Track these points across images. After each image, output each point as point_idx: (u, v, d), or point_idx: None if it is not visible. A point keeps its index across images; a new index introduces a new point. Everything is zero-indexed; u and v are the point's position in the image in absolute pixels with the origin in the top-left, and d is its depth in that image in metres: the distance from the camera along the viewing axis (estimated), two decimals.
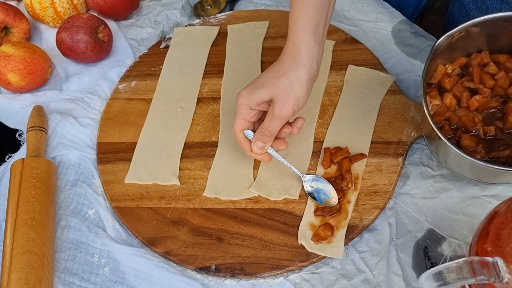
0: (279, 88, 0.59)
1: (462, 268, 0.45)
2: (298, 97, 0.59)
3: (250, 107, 0.62)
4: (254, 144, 0.63)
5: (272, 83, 0.60)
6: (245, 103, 0.62)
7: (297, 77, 0.59)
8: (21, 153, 0.76)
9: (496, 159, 0.61)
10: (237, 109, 0.63)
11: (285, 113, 0.60)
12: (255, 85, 0.62)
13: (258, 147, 0.63)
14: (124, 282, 0.64)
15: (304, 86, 0.59)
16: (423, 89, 0.59)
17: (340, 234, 0.64)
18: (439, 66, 0.66)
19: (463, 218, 0.65)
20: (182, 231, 0.67)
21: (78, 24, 0.81)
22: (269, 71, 0.62)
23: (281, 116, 0.60)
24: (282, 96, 0.59)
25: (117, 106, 0.79)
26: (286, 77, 0.59)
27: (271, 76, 0.61)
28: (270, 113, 0.61)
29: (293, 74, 0.59)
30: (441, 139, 0.56)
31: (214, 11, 0.90)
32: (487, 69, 0.65)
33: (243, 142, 0.65)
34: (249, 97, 0.61)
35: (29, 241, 0.62)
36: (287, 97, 0.59)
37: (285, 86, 0.59)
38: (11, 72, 0.78)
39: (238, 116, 0.63)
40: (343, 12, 0.87)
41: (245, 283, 0.63)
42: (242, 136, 0.65)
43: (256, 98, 0.61)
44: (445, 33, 0.61)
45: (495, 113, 0.64)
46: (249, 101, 0.62)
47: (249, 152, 0.65)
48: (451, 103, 0.64)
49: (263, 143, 0.63)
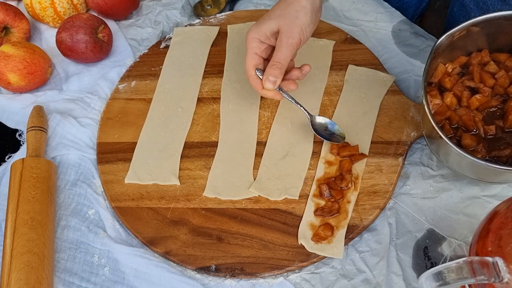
0: (285, 18, 0.64)
1: (462, 268, 0.45)
2: (303, 25, 0.64)
3: (260, 39, 0.65)
4: (266, 80, 0.65)
5: (279, 14, 0.64)
6: (255, 36, 0.65)
7: (301, 7, 0.64)
8: (21, 153, 0.76)
9: (497, 158, 0.61)
10: (248, 44, 0.66)
11: (293, 40, 0.63)
12: (262, 19, 0.66)
13: (270, 82, 0.64)
14: (124, 282, 0.64)
15: (308, 15, 0.64)
16: (424, 88, 0.59)
17: (340, 234, 0.64)
18: (440, 65, 0.66)
19: (463, 218, 0.65)
20: (182, 231, 0.67)
21: (78, 24, 0.81)
22: (276, 6, 0.66)
23: (290, 44, 0.63)
24: (289, 25, 0.63)
25: (117, 106, 0.79)
26: (291, 7, 0.64)
27: (277, 8, 0.65)
28: (279, 44, 0.64)
29: (298, 4, 0.64)
30: (442, 139, 0.56)
31: (214, 11, 0.90)
32: (487, 68, 0.65)
33: (254, 80, 0.66)
34: (259, 30, 0.65)
35: (29, 241, 0.62)
36: (293, 25, 0.63)
37: (291, 15, 0.63)
38: (11, 72, 0.78)
39: (250, 51, 0.66)
40: (343, 12, 0.87)
41: (245, 283, 0.63)
42: (254, 74, 0.66)
43: (264, 29, 0.64)
44: (446, 33, 0.61)
45: (495, 112, 0.64)
46: (259, 34, 0.65)
47: (260, 90, 0.66)
48: (452, 102, 0.64)
49: (275, 77, 0.64)
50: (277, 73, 0.64)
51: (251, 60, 0.66)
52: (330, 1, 0.89)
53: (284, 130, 0.73)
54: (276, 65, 0.64)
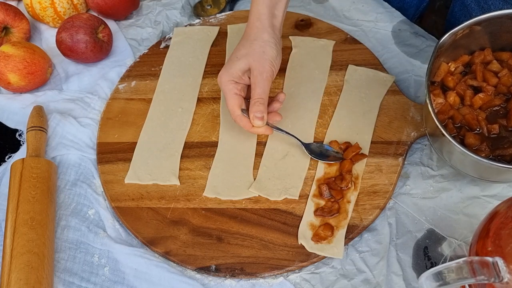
0: (253, 55, 0.65)
1: (462, 268, 0.45)
2: (272, 58, 0.65)
3: (234, 81, 0.66)
4: (254, 118, 0.65)
5: (245, 53, 0.66)
6: (229, 78, 0.66)
7: (265, 42, 0.66)
8: (21, 153, 0.76)
9: (500, 157, 0.61)
10: (224, 88, 0.67)
11: (266, 74, 0.65)
12: (230, 61, 0.67)
13: (258, 118, 0.65)
14: (124, 282, 0.64)
15: (273, 48, 0.66)
16: (427, 87, 0.59)
17: (340, 234, 0.64)
18: (442, 64, 0.66)
19: (463, 218, 0.65)
20: (182, 231, 0.67)
21: (78, 24, 0.81)
22: (239, 45, 0.67)
23: (265, 78, 0.65)
24: (258, 61, 0.65)
25: (117, 106, 0.79)
26: (255, 44, 0.66)
27: (241, 48, 0.67)
28: (254, 81, 0.65)
29: (261, 39, 0.66)
30: (446, 137, 0.56)
31: (214, 11, 0.90)
32: (490, 67, 0.65)
33: (242, 119, 0.67)
34: (230, 73, 0.66)
35: (29, 241, 0.62)
36: (262, 60, 0.65)
37: (257, 51, 0.65)
38: (11, 72, 0.78)
39: (229, 93, 0.66)
40: (343, 12, 0.87)
41: (245, 283, 0.63)
42: (241, 113, 0.67)
43: (235, 70, 0.66)
44: (447, 32, 0.61)
45: (499, 111, 0.64)
46: (232, 76, 0.66)
47: (251, 129, 0.67)
48: (455, 101, 0.64)
49: (261, 112, 0.65)
50: (262, 108, 0.65)
51: (234, 100, 0.66)
52: (330, 1, 0.89)
53: None
54: (259, 101, 0.65)
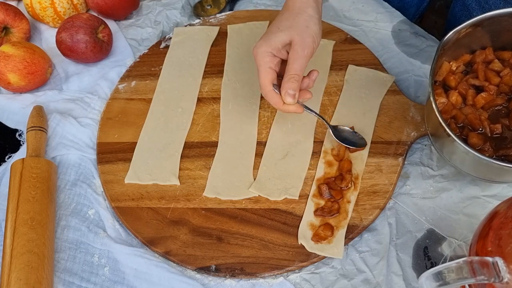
0: (296, 29, 0.62)
1: (462, 268, 0.45)
2: (315, 34, 0.63)
3: (272, 53, 0.63)
4: (286, 94, 0.62)
5: (288, 25, 0.62)
6: (267, 50, 0.63)
7: (309, 16, 0.63)
8: (21, 153, 0.76)
9: (504, 157, 0.60)
10: (260, 60, 0.63)
11: (308, 50, 0.62)
12: (270, 32, 0.64)
13: (291, 96, 0.62)
14: (124, 282, 0.64)
15: (316, 23, 0.63)
16: (431, 86, 0.59)
17: (340, 234, 0.64)
18: (444, 63, 0.66)
19: (463, 218, 0.65)
20: (182, 231, 0.67)
21: (78, 24, 0.81)
22: (281, 16, 0.64)
23: (305, 54, 0.62)
24: (301, 35, 0.62)
25: (117, 106, 0.79)
26: (300, 17, 0.63)
27: (285, 19, 0.63)
28: (294, 55, 0.62)
29: (306, 13, 0.63)
30: (448, 137, 0.56)
31: (214, 11, 0.90)
32: (491, 66, 0.65)
33: (274, 96, 0.64)
34: (270, 43, 0.62)
35: (29, 241, 0.62)
36: (306, 35, 0.62)
37: (301, 25, 0.62)
38: (11, 72, 0.78)
39: (263, 66, 0.63)
40: (343, 12, 0.87)
41: (245, 283, 0.63)
42: (272, 89, 0.64)
43: (276, 42, 0.62)
44: (447, 32, 0.61)
45: (501, 111, 0.64)
46: (270, 47, 0.63)
47: (281, 106, 0.64)
48: (457, 101, 0.64)
49: (294, 90, 0.62)
50: (295, 85, 0.62)
51: (267, 74, 0.63)
52: (330, 1, 0.89)
53: (284, 130, 0.73)
54: (294, 77, 0.62)
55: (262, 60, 0.63)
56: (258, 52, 0.63)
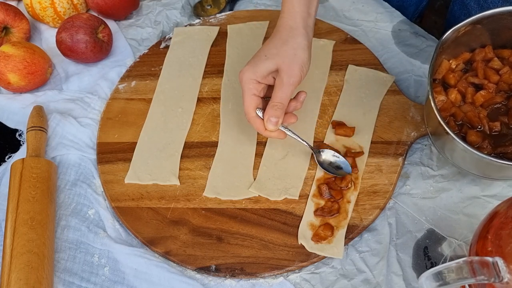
0: (283, 56, 0.61)
1: (462, 268, 0.45)
2: (303, 63, 0.62)
3: (256, 80, 0.63)
4: (268, 121, 0.62)
5: (275, 53, 0.62)
6: (251, 77, 0.62)
7: (298, 44, 0.62)
8: (21, 153, 0.76)
9: (502, 154, 0.60)
10: (244, 86, 0.63)
11: (294, 78, 0.61)
12: (257, 58, 0.63)
13: (272, 123, 0.62)
14: (124, 282, 0.64)
15: (305, 51, 0.62)
16: (430, 84, 0.59)
17: (340, 234, 0.64)
18: (444, 62, 0.66)
19: (463, 218, 0.65)
20: (182, 231, 0.67)
21: (78, 24, 0.81)
22: (269, 43, 0.63)
23: (291, 83, 0.61)
24: (288, 63, 0.61)
25: (117, 106, 0.79)
26: (288, 45, 0.62)
27: (272, 47, 0.63)
28: (279, 84, 0.62)
29: (294, 41, 0.62)
30: (448, 135, 0.56)
31: (214, 11, 0.90)
32: (491, 64, 0.65)
33: (256, 121, 0.64)
34: (255, 71, 0.62)
35: (29, 241, 0.62)
36: (293, 63, 0.61)
37: (289, 53, 0.61)
38: (11, 72, 0.78)
39: (247, 93, 0.63)
40: (343, 12, 0.87)
41: (245, 283, 0.63)
42: (255, 115, 0.64)
43: (262, 70, 0.62)
44: (448, 31, 0.61)
45: (500, 109, 0.64)
46: (255, 75, 0.62)
47: (263, 131, 0.64)
48: (456, 99, 0.64)
49: (276, 117, 0.62)
50: (279, 113, 0.62)
51: (251, 101, 0.63)
52: (330, 1, 0.89)
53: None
54: (278, 106, 0.62)
55: (246, 86, 0.63)
56: (243, 77, 0.63)
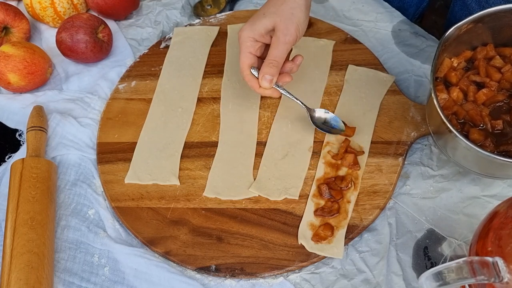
0: (281, 15, 0.62)
1: (462, 268, 0.45)
2: (299, 22, 0.63)
3: (254, 38, 0.64)
4: (263, 78, 0.64)
5: (273, 12, 0.63)
6: (249, 35, 0.64)
7: (296, 3, 0.63)
8: (21, 153, 0.76)
9: (505, 152, 0.60)
10: (242, 44, 0.65)
11: (290, 37, 0.62)
12: (256, 17, 0.65)
13: (267, 80, 0.64)
14: (124, 282, 0.64)
15: (303, 11, 0.63)
16: (432, 82, 0.59)
17: (340, 234, 0.64)
18: (445, 60, 0.66)
19: (463, 218, 0.65)
20: (182, 231, 0.67)
21: (78, 24, 0.81)
22: (269, 2, 0.65)
23: (286, 41, 0.63)
24: (285, 22, 0.62)
25: (117, 106, 0.79)
26: (286, 4, 0.63)
27: (271, 5, 0.64)
28: (275, 41, 0.63)
29: (292, 1, 0.63)
30: (451, 133, 0.56)
31: (214, 11, 0.90)
32: (493, 63, 0.65)
33: (251, 79, 0.66)
34: (253, 29, 0.64)
35: (29, 241, 0.62)
36: (289, 22, 0.62)
37: (286, 12, 0.62)
38: (11, 72, 0.78)
39: (244, 50, 0.65)
40: (343, 12, 0.87)
41: (245, 283, 0.63)
42: (250, 73, 0.65)
43: (259, 28, 0.63)
44: (452, 27, 0.61)
45: (502, 107, 0.64)
46: (253, 33, 0.64)
47: (257, 89, 0.66)
48: (458, 97, 0.64)
49: (271, 75, 0.64)
50: (274, 71, 0.64)
51: (246, 59, 0.65)
52: (330, 1, 0.89)
53: (284, 130, 0.73)
54: (272, 63, 0.63)
55: (243, 44, 0.65)
56: (241, 36, 0.65)
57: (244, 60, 0.65)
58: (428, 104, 0.64)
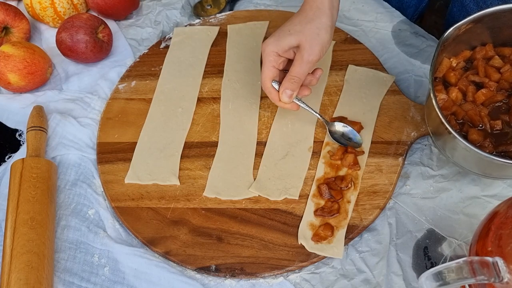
0: (306, 34, 0.63)
1: (462, 268, 0.45)
2: (324, 42, 0.64)
3: (278, 53, 0.65)
4: (283, 93, 0.65)
5: (299, 30, 0.64)
6: (273, 49, 0.65)
7: (322, 24, 0.64)
8: (21, 153, 0.76)
9: (504, 153, 0.60)
10: (265, 58, 0.66)
11: (314, 57, 0.64)
12: (281, 32, 0.65)
13: (287, 95, 0.65)
14: (124, 282, 0.64)
15: (328, 32, 0.64)
16: (431, 82, 0.59)
17: (340, 234, 0.64)
18: (444, 60, 0.66)
19: (463, 218, 0.65)
20: (182, 231, 0.67)
21: (78, 24, 0.81)
22: (294, 19, 0.66)
23: (310, 60, 0.64)
24: (310, 42, 0.63)
25: (117, 106, 0.79)
26: (312, 24, 0.64)
27: (297, 23, 0.65)
28: (299, 59, 0.64)
29: (319, 21, 0.64)
30: (450, 134, 0.56)
31: (214, 11, 0.90)
32: (492, 63, 0.65)
33: (271, 92, 0.67)
34: (277, 44, 0.65)
35: (29, 241, 0.62)
36: (314, 42, 0.63)
37: (312, 32, 0.63)
38: (11, 72, 0.78)
39: (267, 64, 0.66)
40: (343, 12, 0.87)
41: (245, 283, 0.63)
42: (271, 86, 0.67)
43: (284, 44, 0.64)
44: (446, 30, 0.61)
45: (501, 107, 0.64)
46: (278, 48, 0.65)
47: (277, 102, 0.67)
48: (457, 97, 0.64)
49: (292, 90, 0.65)
50: (294, 87, 0.65)
51: (269, 72, 0.66)
52: None
53: (284, 130, 0.73)
54: (294, 80, 0.65)
55: (267, 58, 0.66)
56: (265, 49, 0.66)
57: (266, 73, 0.66)
58: (427, 105, 0.64)
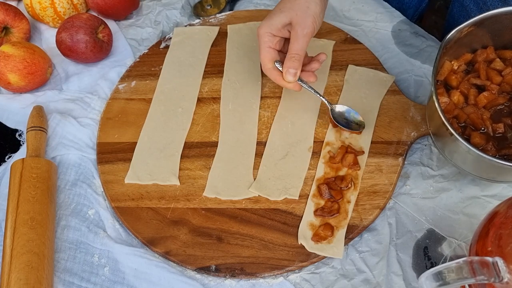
0: (296, 9, 0.64)
1: (462, 268, 0.45)
2: (315, 14, 0.64)
3: (272, 33, 0.66)
4: (287, 72, 0.66)
5: (289, 7, 0.65)
6: (267, 30, 0.66)
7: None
8: (21, 153, 0.76)
9: (506, 156, 0.60)
10: (260, 39, 0.67)
11: (307, 30, 0.64)
12: (273, 13, 0.66)
13: (291, 74, 0.66)
14: (124, 282, 0.64)
15: (318, 4, 0.65)
16: (434, 85, 0.59)
17: (340, 234, 0.64)
18: (446, 63, 0.65)
19: (463, 218, 0.65)
20: (182, 231, 0.67)
21: (78, 24, 0.81)
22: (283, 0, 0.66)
23: (305, 34, 0.64)
24: (301, 16, 0.64)
25: (117, 106, 0.79)
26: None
27: (287, 1, 0.66)
28: (294, 36, 0.65)
29: None
30: (451, 136, 0.56)
31: (214, 11, 0.90)
32: (493, 65, 0.65)
33: (273, 72, 0.68)
34: (270, 24, 0.66)
35: (29, 241, 0.62)
36: (306, 15, 0.64)
37: (301, 6, 0.64)
38: (11, 72, 0.78)
39: (263, 45, 0.67)
40: (343, 12, 0.87)
41: (245, 283, 0.63)
42: (272, 66, 0.67)
43: (276, 22, 0.65)
44: (447, 32, 0.61)
45: (503, 110, 0.64)
46: (270, 28, 0.66)
47: (280, 81, 0.67)
48: (459, 100, 0.64)
49: (295, 68, 0.65)
50: (297, 64, 0.65)
51: (267, 54, 0.67)
52: (330, 1, 0.89)
53: (284, 130, 0.73)
54: (295, 57, 0.65)
55: (262, 39, 0.67)
56: (259, 32, 0.67)
57: (264, 55, 0.67)
58: (429, 106, 0.64)
